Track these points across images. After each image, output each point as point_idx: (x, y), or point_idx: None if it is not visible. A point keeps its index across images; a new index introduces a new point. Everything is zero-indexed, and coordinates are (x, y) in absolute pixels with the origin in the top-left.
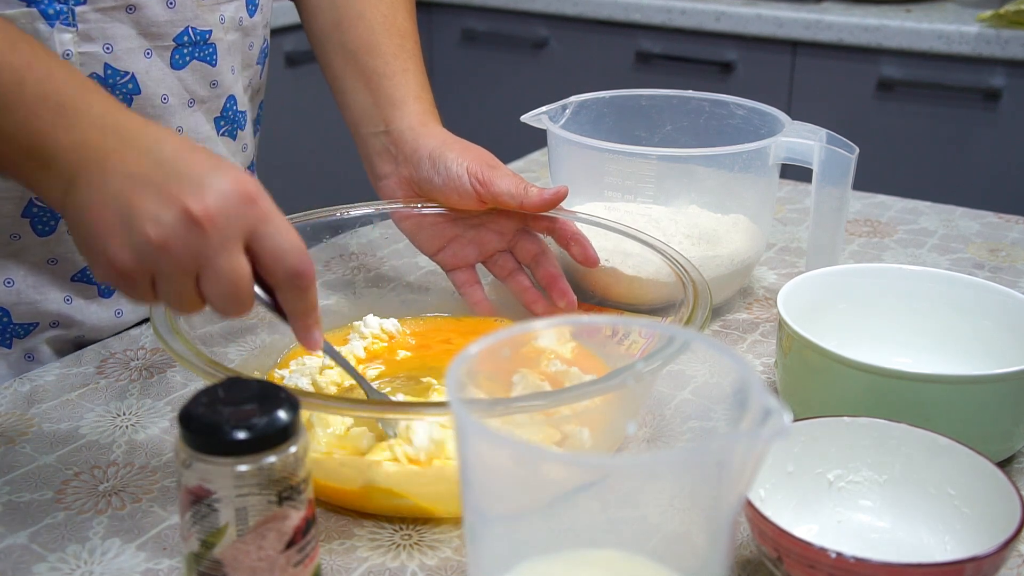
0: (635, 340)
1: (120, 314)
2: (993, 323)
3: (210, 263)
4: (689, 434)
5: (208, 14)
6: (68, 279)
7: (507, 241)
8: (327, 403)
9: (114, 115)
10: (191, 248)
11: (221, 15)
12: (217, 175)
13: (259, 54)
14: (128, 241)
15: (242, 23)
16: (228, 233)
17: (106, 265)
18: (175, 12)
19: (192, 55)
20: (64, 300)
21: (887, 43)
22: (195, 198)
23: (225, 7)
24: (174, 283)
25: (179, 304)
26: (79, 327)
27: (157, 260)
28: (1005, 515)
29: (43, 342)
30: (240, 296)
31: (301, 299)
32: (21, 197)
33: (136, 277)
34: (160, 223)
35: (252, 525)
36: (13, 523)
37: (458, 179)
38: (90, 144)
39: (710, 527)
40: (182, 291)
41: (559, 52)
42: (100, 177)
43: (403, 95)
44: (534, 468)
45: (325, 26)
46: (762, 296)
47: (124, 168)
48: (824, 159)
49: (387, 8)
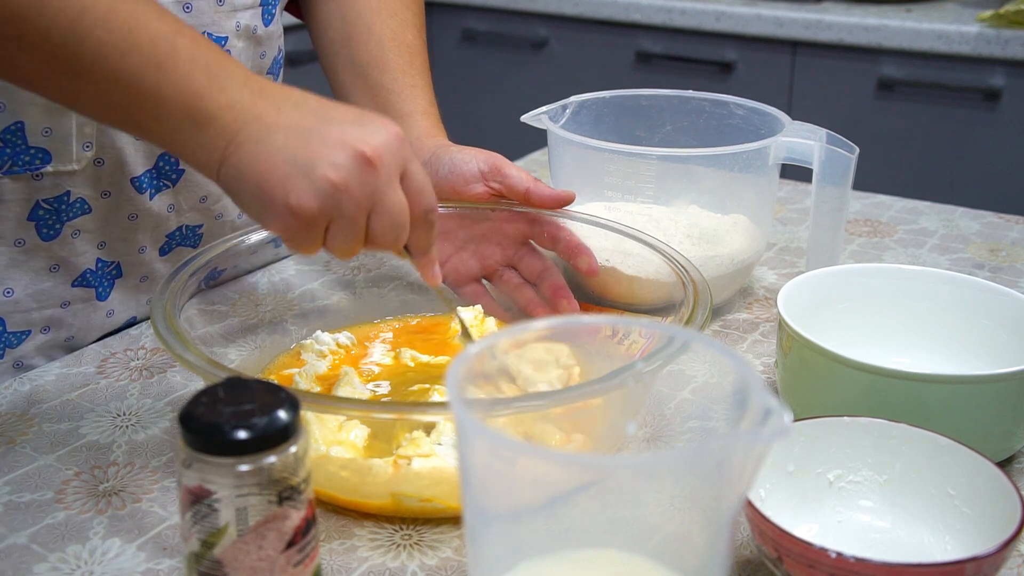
0: (635, 340)
1: (111, 314)
2: (993, 323)
3: (382, 198)
4: (689, 434)
5: (225, 20)
6: (69, 285)
7: (509, 256)
8: (327, 403)
9: (254, 78)
10: (367, 186)
11: (237, 22)
12: (371, 119)
13: (272, 63)
14: (310, 186)
15: (256, 31)
16: (392, 170)
17: (286, 214)
18: (191, 16)
19: None
20: (62, 306)
21: (887, 43)
22: (362, 140)
23: (241, 14)
24: (352, 223)
25: (347, 246)
26: (68, 329)
27: (339, 201)
28: (1005, 515)
29: (33, 349)
30: (404, 227)
31: (429, 234)
32: (27, 199)
33: (317, 221)
34: (337, 166)
35: (252, 525)
36: (13, 523)
37: (464, 164)
38: (244, 103)
39: (710, 527)
40: (355, 230)
41: (559, 52)
42: (263, 132)
43: (411, 110)
44: (534, 468)
45: (335, 40)
46: (762, 296)
47: (285, 121)
48: (824, 159)
49: (397, 25)
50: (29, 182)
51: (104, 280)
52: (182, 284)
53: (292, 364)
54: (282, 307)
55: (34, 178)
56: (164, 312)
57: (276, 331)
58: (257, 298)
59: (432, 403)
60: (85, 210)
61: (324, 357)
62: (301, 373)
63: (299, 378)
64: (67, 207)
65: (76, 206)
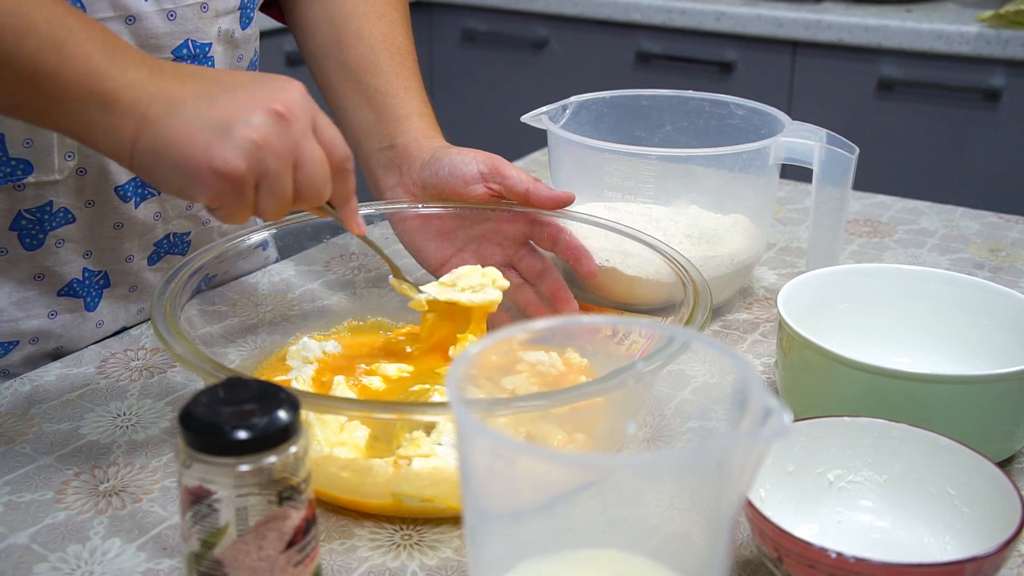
0: (635, 340)
1: (101, 324)
2: (993, 323)
3: (302, 150)
4: (689, 434)
5: (208, 26)
6: (55, 294)
7: (509, 255)
8: (327, 403)
9: (148, 57)
10: (285, 140)
11: (218, 27)
12: (271, 79)
13: (248, 66)
14: (233, 147)
15: (233, 35)
16: (305, 123)
17: (214, 178)
18: (175, 24)
19: None
20: (48, 315)
21: (887, 43)
22: (271, 98)
23: (222, 19)
24: (279, 178)
25: (277, 204)
26: (58, 340)
27: (264, 158)
28: (1005, 515)
29: (21, 360)
30: (327, 177)
31: (348, 183)
32: (9, 209)
33: (246, 179)
34: (254, 125)
35: (252, 525)
36: (13, 523)
37: (464, 166)
38: (145, 81)
39: (710, 527)
40: (283, 187)
41: (559, 52)
42: (171, 105)
43: (407, 112)
44: (534, 468)
45: (323, 44)
46: (762, 296)
47: (190, 92)
48: (824, 159)
49: (386, 27)
50: (11, 192)
51: (92, 290)
52: (182, 284)
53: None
54: (282, 307)
55: (16, 188)
56: (164, 312)
57: (276, 331)
58: (257, 298)
59: (432, 403)
60: (69, 220)
61: (310, 363)
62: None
63: (296, 382)
64: (50, 217)
65: (59, 216)
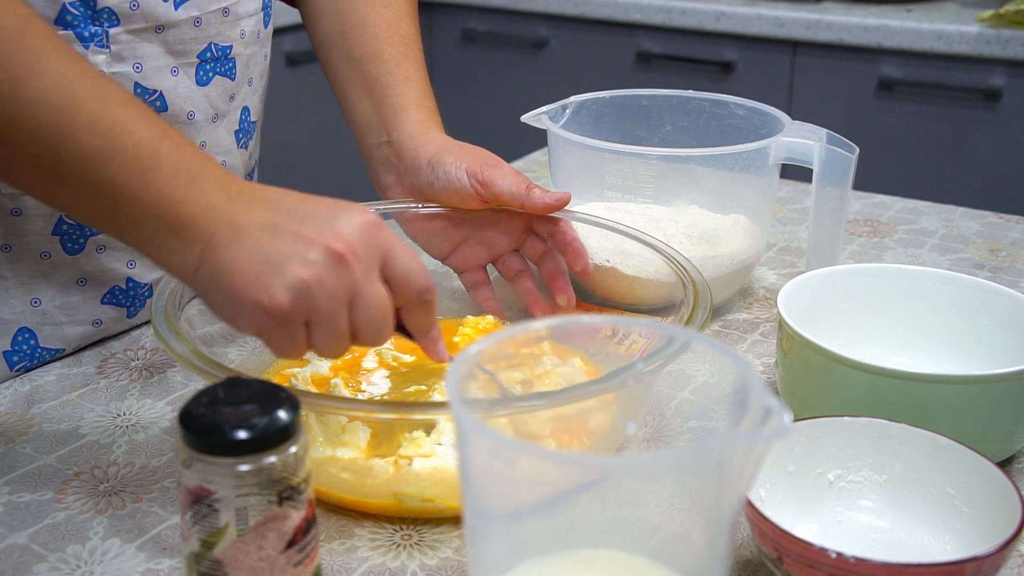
0: (635, 340)
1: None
2: (993, 323)
3: (360, 291)
4: (689, 434)
5: (230, 30)
6: (98, 301)
7: (516, 241)
8: (327, 403)
9: (233, 179)
10: (342, 280)
11: (242, 30)
12: (343, 212)
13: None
14: (281, 284)
15: (259, 36)
16: (368, 262)
17: (257, 312)
18: (200, 30)
19: (215, 70)
20: (93, 323)
21: (887, 43)
22: (333, 236)
23: (245, 22)
24: (331, 319)
25: (330, 342)
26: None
27: (314, 298)
28: (1005, 515)
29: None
30: (387, 320)
31: (427, 315)
32: (51, 214)
33: (293, 318)
34: (309, 263)
35: (252, 525)
36: (13, 523)
37: (458, 181)
38: (219, 207)
39: (710, 527)
40: (337, 325)
41: (559, 52)
42: (235, 234)
43: (404, 103)
44: (534, 468)
45: (329, 34)
46: (762, 296)
47: (257, 221)
48: (824, 159)
49: (391, 15)
50: None
51: (137, 301)
52: (182, 284)
53: (294, 363)
54: None
55: None
56: (164, 312)
57: None
58: None
59: (432, 403)
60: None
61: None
62: (297, 376)
63: (295, 380)
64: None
65: None
